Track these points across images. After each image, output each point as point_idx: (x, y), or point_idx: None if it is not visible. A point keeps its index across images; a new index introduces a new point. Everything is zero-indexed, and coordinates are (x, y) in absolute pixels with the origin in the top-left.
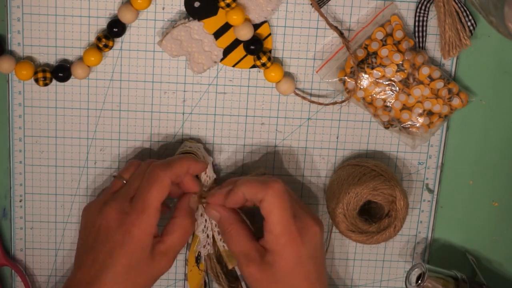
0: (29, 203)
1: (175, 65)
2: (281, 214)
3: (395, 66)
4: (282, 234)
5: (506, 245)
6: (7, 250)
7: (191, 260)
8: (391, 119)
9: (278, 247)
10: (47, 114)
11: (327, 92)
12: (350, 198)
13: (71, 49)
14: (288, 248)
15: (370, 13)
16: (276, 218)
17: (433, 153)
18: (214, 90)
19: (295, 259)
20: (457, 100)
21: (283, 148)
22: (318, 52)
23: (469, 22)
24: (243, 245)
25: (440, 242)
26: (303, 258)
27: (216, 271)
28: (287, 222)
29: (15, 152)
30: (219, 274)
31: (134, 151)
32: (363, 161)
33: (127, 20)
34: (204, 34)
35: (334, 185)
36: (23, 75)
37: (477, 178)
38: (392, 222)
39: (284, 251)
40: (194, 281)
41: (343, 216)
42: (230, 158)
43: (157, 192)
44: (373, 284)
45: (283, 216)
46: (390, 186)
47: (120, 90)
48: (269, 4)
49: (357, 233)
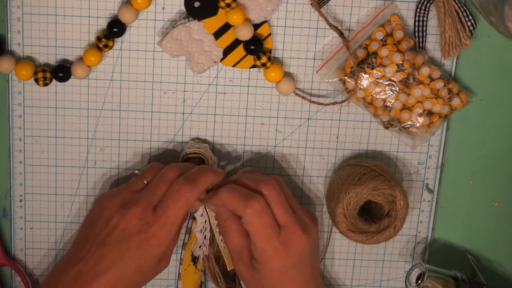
0: (29, 203)
1: (175, 65)
2: (262, 231)
3: (395, 66)
4: (265, 249)
5: (506, 245)
6: (7, 250)
7: (187, 259)
8: (391, 119)
9: (262, 259)
10: (47, 114)
11: (327, 92)
12: (350, 198)
13: (71, 49)
14: (272, 261)
15: (370, 13)
16: (256, 235)
17: (433, 153)
18: (214, 90)
19: (280, 269)
20: (457, 100)
21: (283, 148)
22: (318, 52)
23: (469, 22)
24: (236, 242)
25: (440, 242)
26: (288, 268)
27: (214, 271)
28: (270, 238)
29: (15, 152)
30: (217, 275)
31: (134, 151)
32: (363, 161)
33: (127, 20)
34: (204, 34)
35: (334, 185)
36: (23, 75)
37: (477, 178)
38: (392, 222)
39: (268, 263)
40: (190, 280)
41: (343, 216)
42: (230, 158)
43: (182, 210)
44: (373, 284)
45: (264, 232)
46: (390, 186)
47: (120, 90)
48: (269, 4)
49: (357, 233)
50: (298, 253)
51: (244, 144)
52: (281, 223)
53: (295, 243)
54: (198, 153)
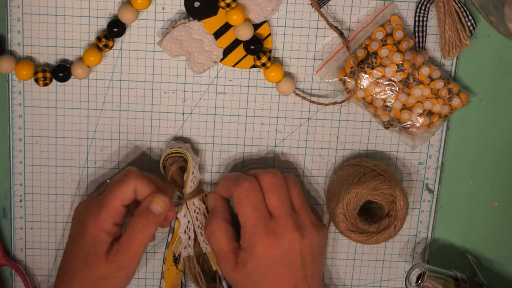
0: (29, 203)
1: (175, 65)
2: (248, 211)
3: (395, 66)
4: (251, 233)
5: (506, 245)
6: (7, 250)
7: (169, 259)
8: (391, 119)
9: (248, 244)
10: (47, 114)
11: (327, 92)
12: (350, 198)
13: (71, 49)
14: (257, 247)
15: (370, 13)
16: (243, 216)
17: (433, 153)
18: (214, 90)
19: (266, 260)
20: (457, 100)
21: (283, 148)
22: (318, 52)
23: (469, 22)
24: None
25: (440, 242)
26: (274, 261)
27: (195, 271)
28: (256, 220)
29: (15, 152)
30: (197, 275)
31: (134, 151)
32: (363, 161)
33: (127, 20)
34: (204, 34)
35: (334, 185)
36: (23, 75)
37: (477, 178)
38: (392, 222)
39: (253, 249)
40: (170, 280)
41: (343, 216)
42: (230, 158)
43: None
44: (373, 284)
45: (251, 213)
46: (390, 186)
47: (120, 90)
48: (269, 4)
49: (357, 233)
50: (287, 248)
51: (244, 144)
52: (274, 213)
53: (284, 237)
54: (180, 153)
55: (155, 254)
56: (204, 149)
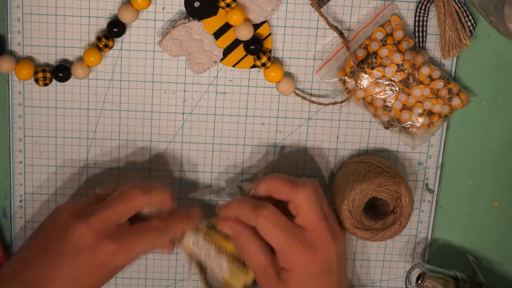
0: (29, 203)
1: (175, 65)
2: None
3: (395, 66)
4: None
5: (506, 245)
6: (7, 250)
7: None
8: (391, 119)
9: (288, 264)
10: (47, 114)
11: (327, 92)
12: (356, 194)
13: (71, 49)
14: (299, 264)
15: (370, 13)
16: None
17: (433, 153)
18: (214, 90)
19: (308, 275)
20: (457, 100)
21: (283, 148)
22: (318, 52)
23: (469, 22)
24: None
25: (440, 242)
26: (316, 274)
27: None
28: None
29: (15, 152)
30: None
31: (134, 151)
32: (368, 158)
33: (127, 20)
34: (204, 34)
35: (339, 182)
36: (23, 75)
37: (477, 178)
38: (398, 218)
39: (294, 267)
40: None
41: (349, 212)
42: (230, 158)
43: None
44: (373, 284)
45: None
46: (395, 183)
47: (120, 90)
48: (269, 4)
49: (362, 229)
50: (325, 259)
51: (244, 144)
52: (310, 227)
53: (323, 249)
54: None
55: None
56: (204, 149)
